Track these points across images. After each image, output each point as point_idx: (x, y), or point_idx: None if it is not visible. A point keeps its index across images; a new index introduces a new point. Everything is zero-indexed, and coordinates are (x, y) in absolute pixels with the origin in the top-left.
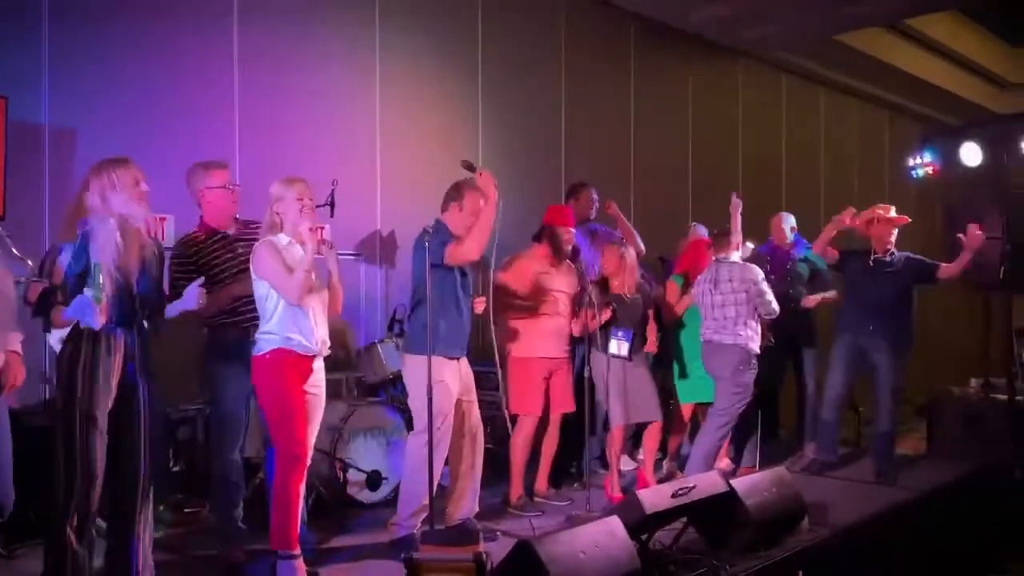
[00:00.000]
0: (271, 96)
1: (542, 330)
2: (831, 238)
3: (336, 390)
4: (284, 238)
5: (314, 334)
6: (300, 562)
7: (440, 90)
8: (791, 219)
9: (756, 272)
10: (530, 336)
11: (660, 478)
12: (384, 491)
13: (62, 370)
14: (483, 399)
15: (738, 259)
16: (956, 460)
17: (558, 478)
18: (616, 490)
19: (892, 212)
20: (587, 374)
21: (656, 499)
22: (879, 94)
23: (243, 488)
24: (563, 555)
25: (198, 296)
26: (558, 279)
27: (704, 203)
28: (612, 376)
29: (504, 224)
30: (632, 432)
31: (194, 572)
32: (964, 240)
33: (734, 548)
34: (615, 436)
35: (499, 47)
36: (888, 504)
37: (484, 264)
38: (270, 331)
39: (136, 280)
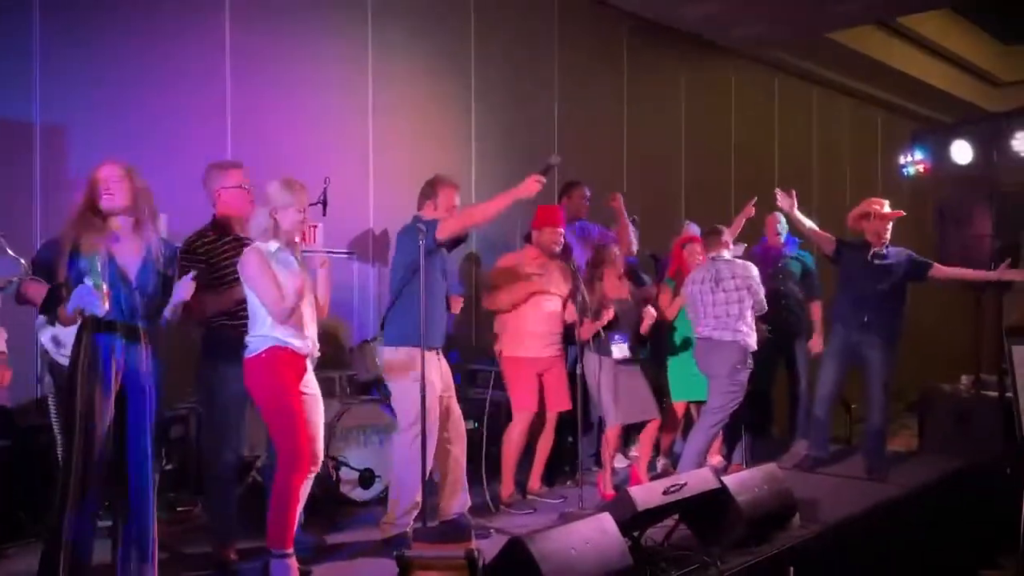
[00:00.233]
0: (263, 94)
1: (533, 331)
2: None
3: (329, 388)
4: (274, 245)
5: (306, 335)
6: (293, 561)
7: (433, 88)
8: (783, 219)
9: (754, 269)
10: (521, 336)
11: (653, 476)
12: (377, 489)
13: (69, 367)
14: (479, 397)
15: (731, 257)
16: (947, 456)
17: (551, 476)
18: (609, 488)
19: (886, 207)
20: (579, 372)
21: (648, 496)
22: (871, 92)
23: (237, 487)
24: (555, 552)
25: (189, 288)
26: (549, 279)
27: (696, 201)
28: (605, 377)
29: (497, 221)
30: (625, 430)
31: (187, 570)
32: (1004, 270)
33: (725, 544)
34: (610, 436)
35: (492, 45)
36: (879, 500)
37: (475, 261)
38: (263, 333)
39: (135, 274)
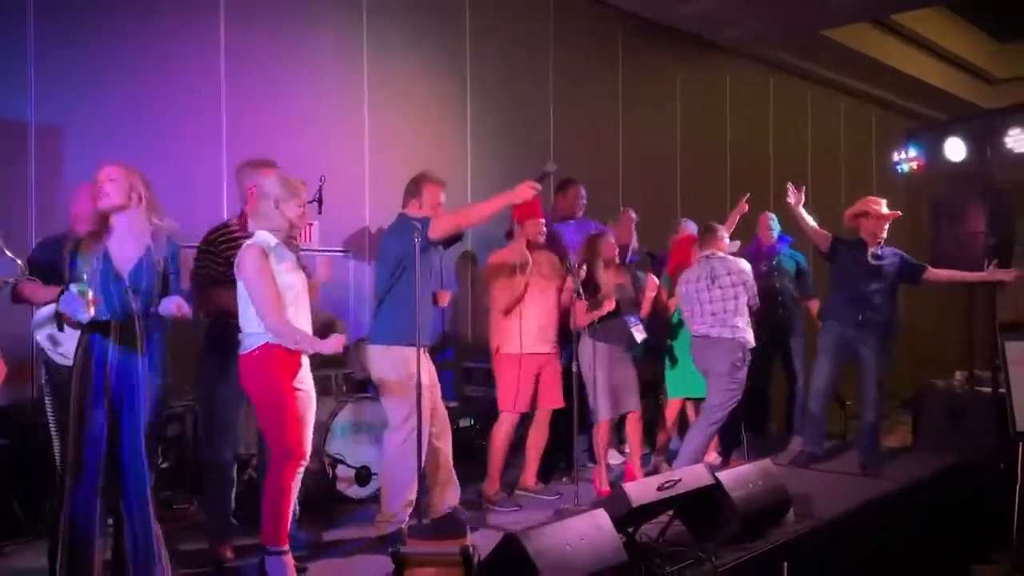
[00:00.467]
0: (259, 93)
1: (530, 326)
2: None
3: (324, 386)
4: (273, 239)
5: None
6: (289, 558)
7: (429, 87)
8: (775, 218)
9: (748, 265)
10: (518, 332)
11: (648, 472)
12: (373, 486)
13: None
14: (473, 395)
15: (724, 254)
16: (941, 452)
17: (547, 473)
18: (604, 484)
19: (883, 206)
20: (575, 369)
21: (642, 492)
22: (867, 91)
23: (235, 484)
24: (550, 548)
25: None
26: (540, 271)
27: (692, 199)
28: (599, 369)
29: (493, 220)
30: (616, 424)
31: (183, 567)
32: (993, 271)
33: (720, 540)
34: (602, 430)
35: (488, 44)
36: (873, 496)
37: (471, 259)
38: (256, 330)
39: (130, 273)
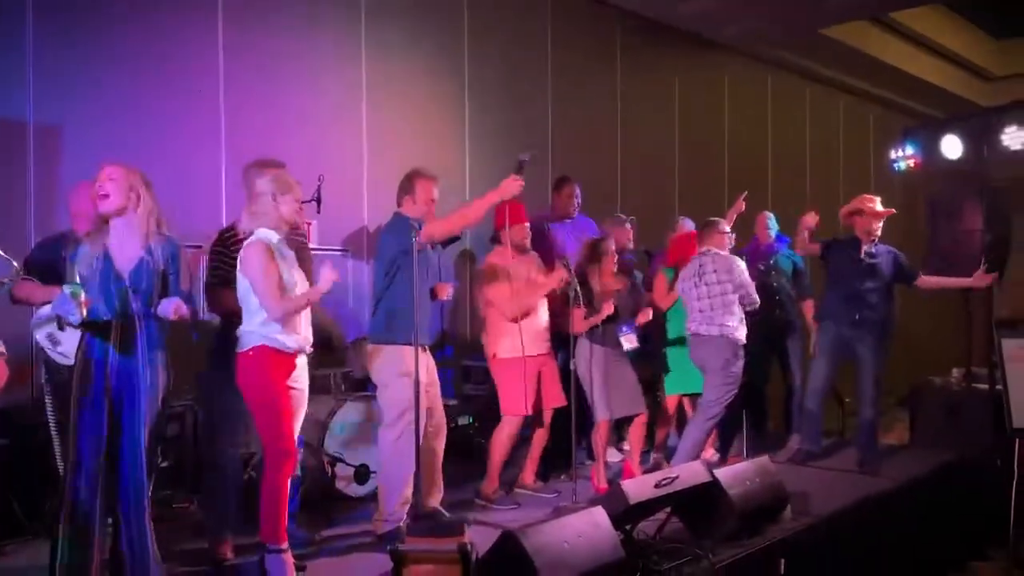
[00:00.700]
0: (257, 92)
1: (527, 329)
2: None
3: (324, 385)
4: (275, 236)
5: (298, 332)
6: (288, 555)
7: (427, 87)
8: (773, 218)
9: (737, 262)
10: (515, 335)
11: (647, 469)
12: (372, 485)
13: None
14: (471, 393)
15: (720, 251)
16: (938, 449)
17: (545, 470)
18: (603, 482)
19: (878, 204)
20: (572, 368)
21: (640, 489)
22: (865, 89)
23: (237, 482)
24: (548, 545)
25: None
26: (528, 273)
27: (691, 197)
28: (596, 370)
29: (490, 217)
30: (616, 423)
31: (183, 566)
32: (975, 278)
33: (717, 537)
34: (600, 429)
35: (487, 43)
36: (870, 493)
37: (470, 257)
38: (253, 329)
39: (129, 274)
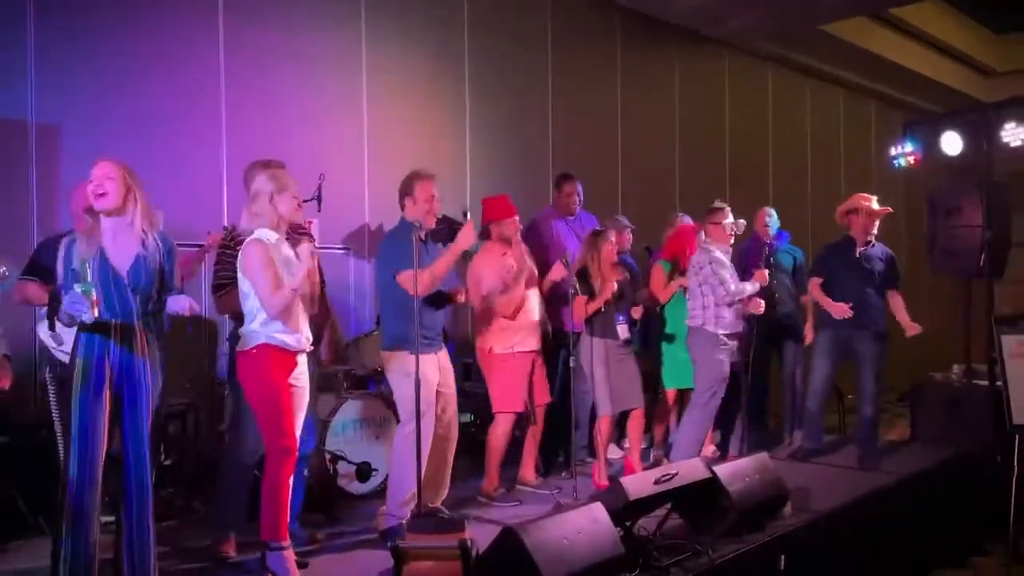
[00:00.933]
0: (258, 90)
1: (521, 323)
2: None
3: (326, 383)
4: (274, 235)
5: (299, 331)
6: (290, 552)
7: (427, 84)
8: (773, 213)
9: (707, 254)
10: (510, 330)
11: (647, 466)
12: (374, 482)
13: (68, 369)
14: (472, 391)
15: (708, 246)
16: (938, 445)
17: (546, 467)
18: (603, 478)
19: (874, 202)
20: (572, 364)
21: (639, 486)
22: (866, 84)
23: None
24: (547, 541)
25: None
26: (520, 267)
27: (691, 193)
28: (598, 366)
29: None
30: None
31: (185, 563)
32: (910, 324)
33: (717, 533)
34: (603, 426)
35: (486, 39)
36: (870, 489)
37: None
38: (256, 329)
39: (128, 272)
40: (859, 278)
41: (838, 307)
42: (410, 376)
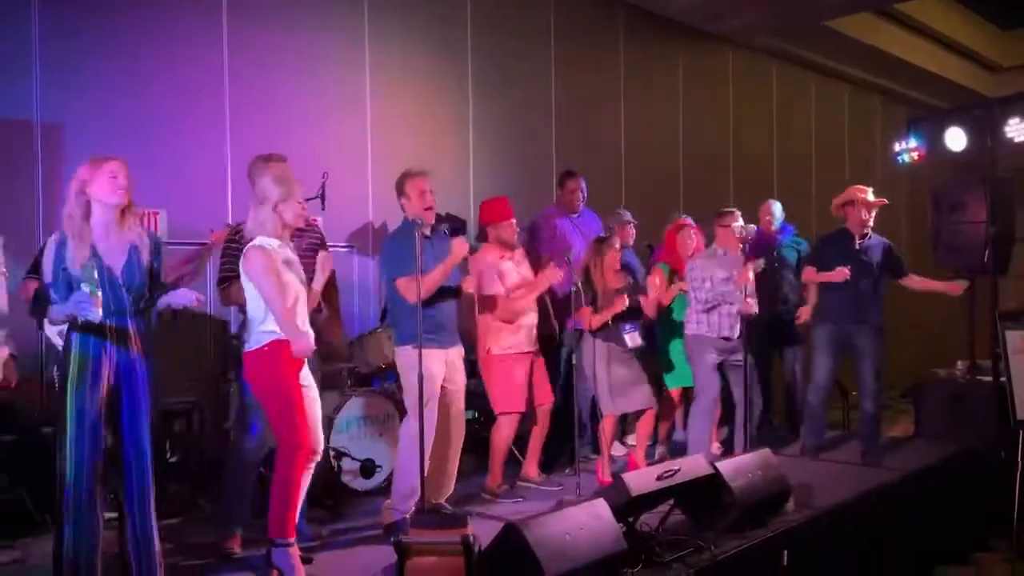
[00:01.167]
0: (261, 89)
1: (521, 324)
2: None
3: (330, 381)
4: (276, 241)
5: (305, 330)
6: (295, 549)
7: (430, 81)
8: (777, 206)
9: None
10: (509, 332)
11: (651, 463)
12: (378, 479)
13: (60, 368)
14: (477, 388)
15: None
16: (942, 441)
17: (549, 464)
18: (607, 475)
19: (870, 194)
20: (574, 362)
21: (642, 482)
22: (870, 80)
23: (253, 478)
24: (550, 537)
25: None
26: (520, 271)
27: (694, 189)
28: (600, 366)
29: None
30: (621, 417)
31: (190, 560)
32: (950, 283)
33: (720, 529)
34: (607, 424)
35: (489, 36)
36: (873, 485)
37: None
38: (266, 329)
39: (121, 272)
40: (857, 271)
41: (837, 273)
42: (414, 371)
